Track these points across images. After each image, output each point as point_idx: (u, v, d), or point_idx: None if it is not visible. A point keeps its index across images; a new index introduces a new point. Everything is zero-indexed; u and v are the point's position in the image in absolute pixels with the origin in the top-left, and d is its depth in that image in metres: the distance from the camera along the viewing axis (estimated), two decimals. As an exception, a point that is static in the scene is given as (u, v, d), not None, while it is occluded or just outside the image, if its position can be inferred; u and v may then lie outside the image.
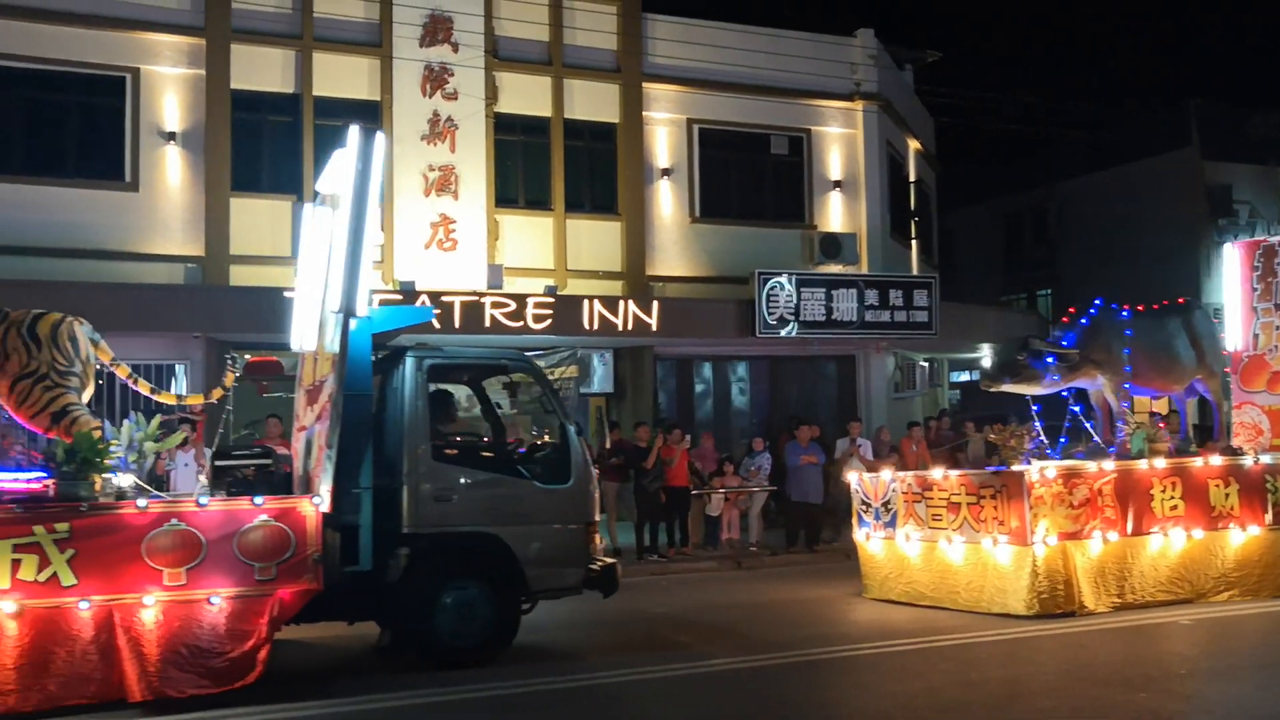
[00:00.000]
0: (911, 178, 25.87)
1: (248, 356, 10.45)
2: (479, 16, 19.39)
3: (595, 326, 18.92)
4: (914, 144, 26.08)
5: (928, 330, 21.62)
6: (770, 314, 20.14)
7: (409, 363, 9.68)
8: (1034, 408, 12.74)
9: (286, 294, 17.02)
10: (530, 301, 18.54)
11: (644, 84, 20.88)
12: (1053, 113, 29.86)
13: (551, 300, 18.79)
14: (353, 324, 9.02)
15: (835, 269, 21.59)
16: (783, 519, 17.92)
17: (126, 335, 14.00)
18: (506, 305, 18.40)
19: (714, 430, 19.91)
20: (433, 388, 9.89)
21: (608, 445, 16.98)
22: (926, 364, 25.75)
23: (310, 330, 10.16)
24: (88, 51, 17.55)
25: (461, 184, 19.13)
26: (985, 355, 27.75)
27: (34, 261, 16.60)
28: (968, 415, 22.06)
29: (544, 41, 20.15)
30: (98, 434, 8.64)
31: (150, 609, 8.10)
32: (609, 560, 10.40)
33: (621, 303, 19.26)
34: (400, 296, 17.78)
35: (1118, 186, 34.96)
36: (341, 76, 18.87)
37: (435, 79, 19.12)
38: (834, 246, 21.85)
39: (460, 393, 11.46)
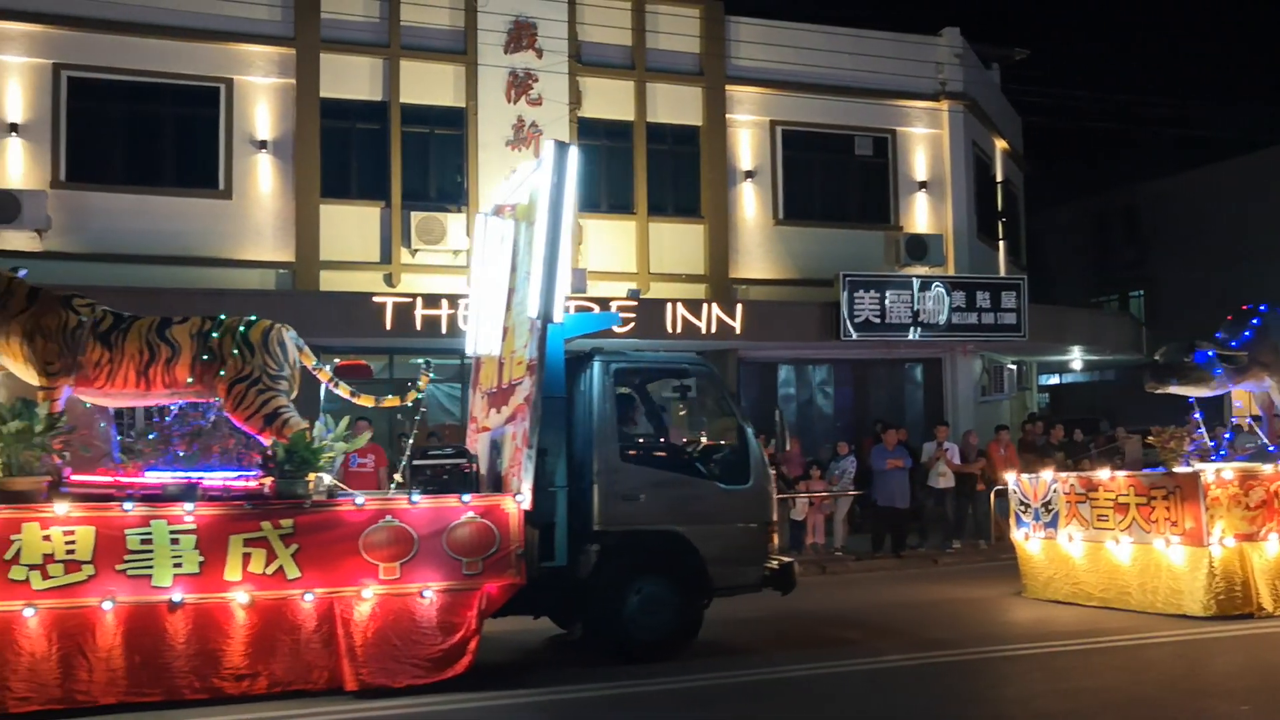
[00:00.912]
0: (999, 177, 25.48)
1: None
2: (562, 22, 19.52)
3: (678, 330, 18.92)
4: (1001, 143, 25.70)
5: (1016, 332, 21.31)
6: (855, 316, 19.99)
7: (596, 366, 9.99)
8: (1197, 414, 12.74)
9: (375, 299, 17.44)
10: (613, 305, 18.58)
11: (727, 86, 20.84)
12: (1145, 108, 29.17)
13: (635, 304, 18.82)
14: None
15: (921, 271, 21.36)
16: (868, 524, 17.77)
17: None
18: (590, 309, 18.44)
19: (798, 434, 19.79)
20: (617, 390, 10.18)
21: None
22: (1014, 367, 25.35)
23: (487, 336, 10.63)
24: (184, 63, 18.01)
25: (545, 189, 19.21)
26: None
27: (134, 268, 17.06)
28: (1057, 419, 21.70)
29: (627, 46, 20.22)
30: (309, 435, 9.04)
31: (367, 601, 8.55)
32: (786, 559, 10.65)
33: (705, 306, 19.24)
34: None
35: (1215, 183, 34.02)
36: (428, 83, 19.12)
37: (520, 85, 19.29)
38: (920, 248, 21.62)
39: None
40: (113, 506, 8.22)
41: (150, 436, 9.64)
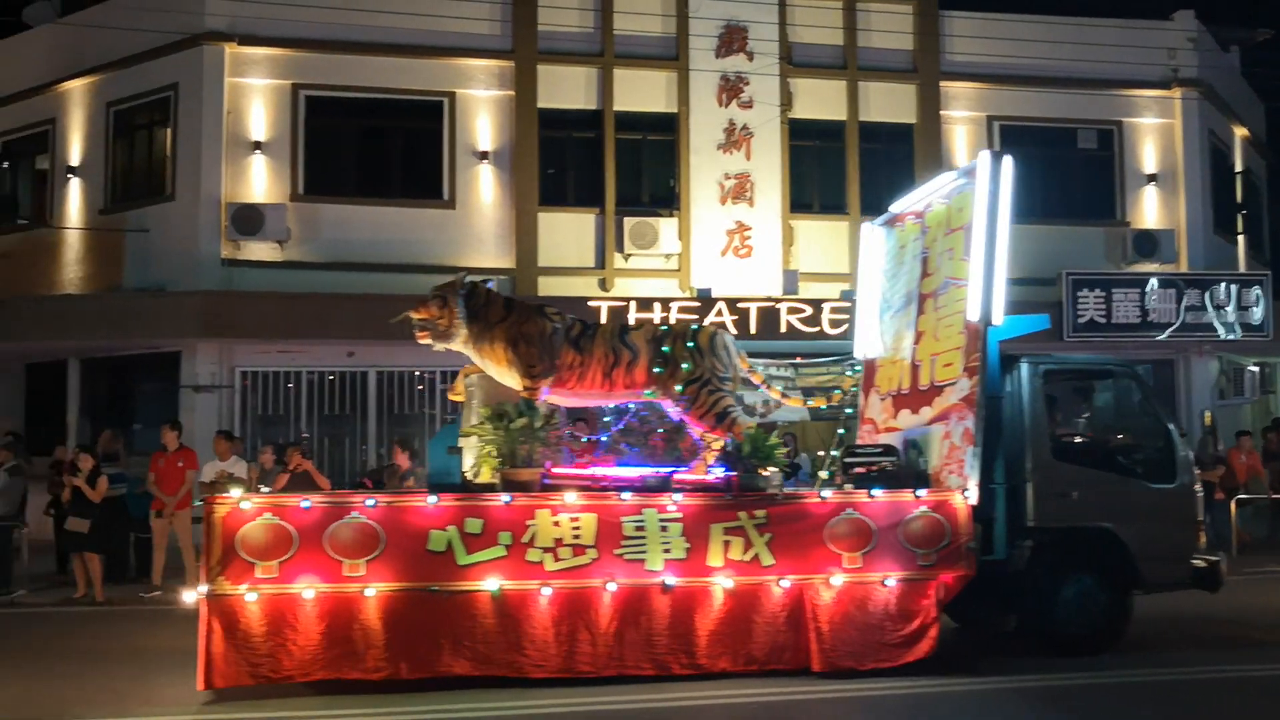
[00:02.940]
0: (1238, 168, 24.03)
1: (855, 362, 11.45)
2: (773, 24, 19.48)
3: (892, 331, 18.57)
4: (1240, 131, 24.22)
5: (1259, 332, 20.05)
6: (1079, 317, 19.24)
7: (1025, 368, 10.19)
8: None
9: (590, 303, 17.80)
10: (826, 307, 18.46)
11: (941, 83, 20.37)
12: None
13: (848, 305, 18.57)
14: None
15: (1151, 268, 20.35)
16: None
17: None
18: (802, 310, 18.41)
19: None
20: (1046, 391, 10.38)
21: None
22: (1256, 369, 23.82)
23: (878, 339, 11.38)
24: (410, 79, 18.84)
25: (757, 191, 19.27)
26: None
27: (365, 276, 17.95)
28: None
29: (838, 45, 20.02)
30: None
31: (833, 589, 9.13)
32: (1213, 558, 10.51)
33: (920, 307, 18.84)
34: (698, 303, 18.16)
35: None
36: (640, 90, 19.40)
37: (731, 88, 19.36)
38: (1149, 244, 20.60)
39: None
40: (610, 496, 9.04)
41: (614, 431, 10.49)
